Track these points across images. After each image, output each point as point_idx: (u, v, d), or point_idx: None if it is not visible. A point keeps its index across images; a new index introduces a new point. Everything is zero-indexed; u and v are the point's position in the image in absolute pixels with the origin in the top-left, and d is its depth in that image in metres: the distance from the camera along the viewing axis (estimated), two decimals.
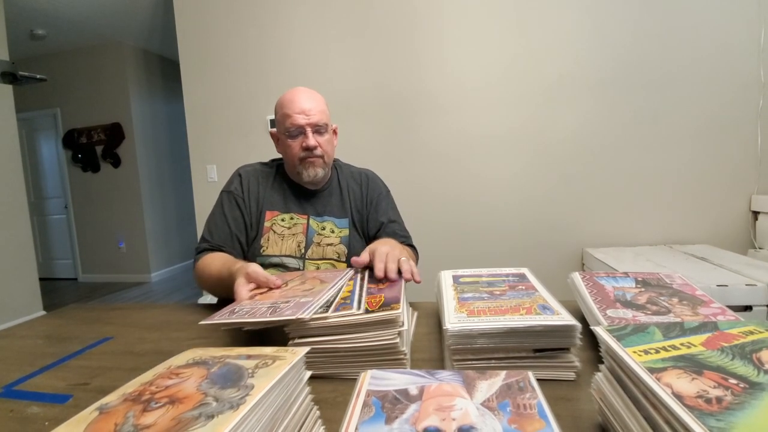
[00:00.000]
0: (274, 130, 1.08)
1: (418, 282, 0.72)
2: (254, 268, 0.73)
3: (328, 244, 1.04)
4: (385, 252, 0.74)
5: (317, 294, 0.63)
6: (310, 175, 1.02)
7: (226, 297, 0.78)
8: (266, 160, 1.17)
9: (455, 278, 0.74)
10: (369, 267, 0.76)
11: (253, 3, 2.67)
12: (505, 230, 2.44)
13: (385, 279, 0.71)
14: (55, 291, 4.24)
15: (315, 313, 0.55)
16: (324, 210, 1.08)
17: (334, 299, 0.62)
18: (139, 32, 4.01)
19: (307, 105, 0.99)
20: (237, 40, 2.73)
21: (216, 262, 0.92)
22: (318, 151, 1.01)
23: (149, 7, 3.46)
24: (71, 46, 4.28)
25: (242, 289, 0.70)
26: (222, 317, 0.59)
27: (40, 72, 1.22)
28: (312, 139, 0.99)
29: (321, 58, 2.61)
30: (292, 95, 1.01)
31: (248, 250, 1.03)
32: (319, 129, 1.01)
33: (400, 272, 0.72)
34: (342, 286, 0.69)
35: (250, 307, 0.62)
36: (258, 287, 0.73)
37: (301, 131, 1.00)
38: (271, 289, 0.72)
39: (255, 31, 2.69)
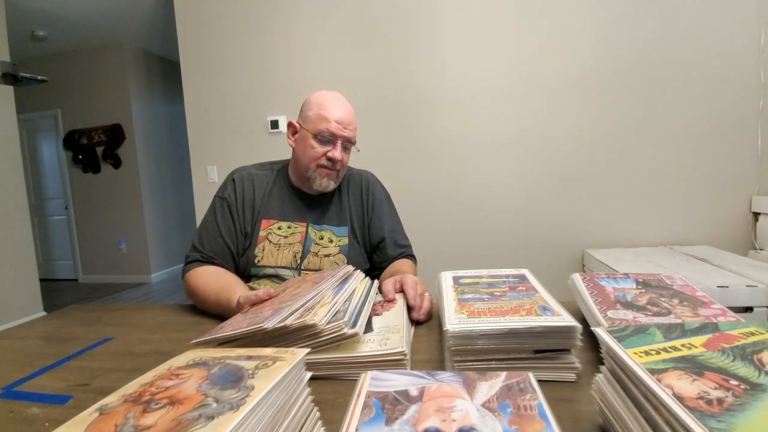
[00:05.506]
0: (295, 120, 1.04)
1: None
2: (244, 296, 0.74)
3: (326, 255, 1.02)
4: (413, 282, 0.78)
5: (297, 299, 0.62)
6: (322, 185, 1.01)
7: (223, 315, 0.81)
8: (265, 161, 1.14)
9: (455, 279, 0.74)
10: (372, 276, 0.81)
11: (253, 3, 2.68)
12: (506, 231, 2.44)
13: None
14: (56, 292, 4.24)
15: (280, 322, 0.54)
16: (323, 218, 1.05)
17: (317, 303, 0.61)
18: (140, 33, 4.01)
19: (347, 118, 0.98)
20: (237, 40, 2.73)
21: (211, 284, 0.89)
22: (338, 166, 1.00)
23: (149, 8, 3.47)
24: (72, 47, 4.28)
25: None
26: (210, 335, 0.60)
27: (40, 73, 1.22)
28: (339, 153, 0.97)
29: (321, 59, 2.61)
30: (334, 100, 0.99)
31: (241, 260, 1.01)
32: (347, 145, 1.00)
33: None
34: (330, 287, 0.68)
35: (236, 323, 0.62)
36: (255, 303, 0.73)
37: (331, 140, 0.97)
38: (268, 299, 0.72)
39: (255, 31, 2.69)
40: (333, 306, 0.60)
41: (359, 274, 0.78)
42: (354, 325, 0.56)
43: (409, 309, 0.74)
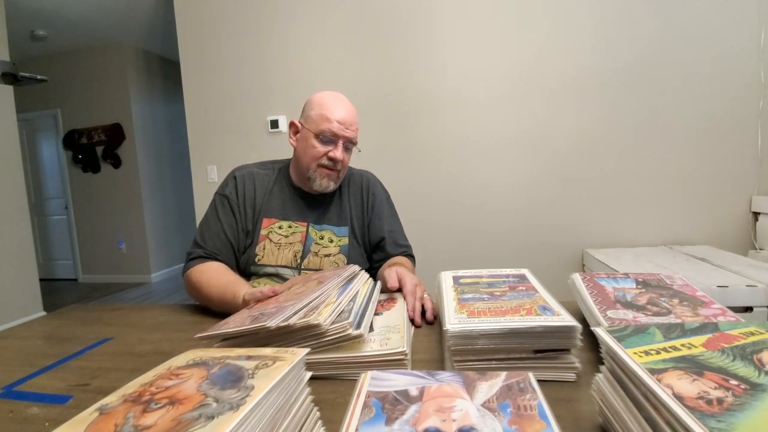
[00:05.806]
0: (297, 120, 1.05)
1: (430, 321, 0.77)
2: (249, 293, 0.74)
3: (326, 255, 1.02)
4: (413, 286, 0.80)
5: (301, 298, 0.62)
6: (322, 185, 1.01)
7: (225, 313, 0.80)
8: (266, 160, 1.14)
9: (455, 279, 0.74)
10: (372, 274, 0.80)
11: (253, 3, 2.68)
12: (506, 231, 2.44)
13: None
14: (56, 291, 4.24)
15: (284, 321, 0.54)
16: (323, 218, 1.06)
17: (321, 302, 0.61)
18: (140, 33, 4.01)
19: (349, 118, 0.99)
20: (237, 40, 2.73)
21: (214, 280, 0.89)
22: (339, 166, 1.00)
23: (149, 8, 3.47)
24: (72, 47, 4.28)
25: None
26: (214, 330, 0.59)
27: (40, 73, 1.21)
28: (340, 153, 0.98)
29: (321, 59, 2.61)
30: (336, 100, 1.00)
31: (241, 258, 1.01)
32: (348, 145, 1.01)
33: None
34: (335, 287, 0.68)
35: (240, 320, 0.62)
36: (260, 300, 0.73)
37: (333, 140, 0.98)
38: (273, 296, 0.72)
39: (255, 31, 2.69)
40: (337, 306, 0.60)
41: (364, 275, 0.78)
42: (359, 326, 0.56)
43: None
